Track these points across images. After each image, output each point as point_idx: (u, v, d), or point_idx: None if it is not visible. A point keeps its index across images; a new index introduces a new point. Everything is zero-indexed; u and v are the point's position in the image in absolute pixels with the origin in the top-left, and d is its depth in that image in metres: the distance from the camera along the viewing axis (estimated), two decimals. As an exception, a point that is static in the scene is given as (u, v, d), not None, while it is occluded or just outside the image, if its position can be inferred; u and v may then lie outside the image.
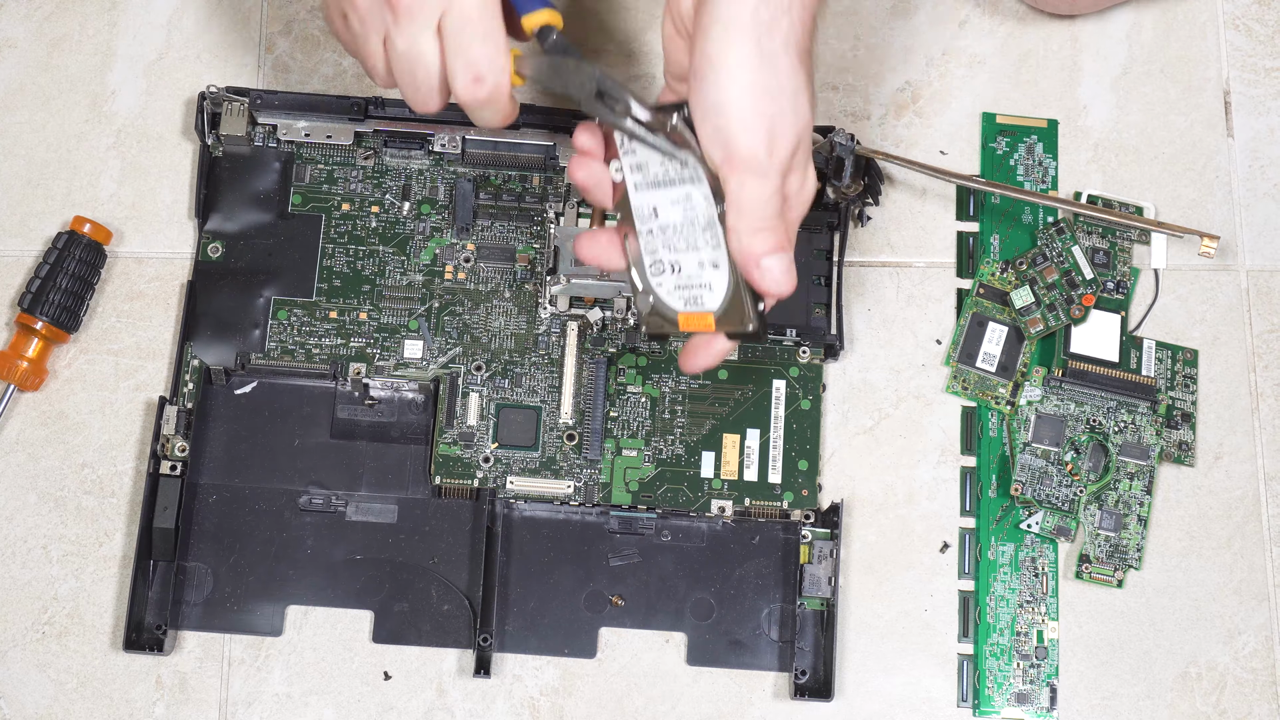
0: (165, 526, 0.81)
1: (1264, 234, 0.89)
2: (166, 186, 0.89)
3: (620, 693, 0.82)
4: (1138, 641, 0.82)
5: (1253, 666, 0.82)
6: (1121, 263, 0.87)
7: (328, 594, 0.83)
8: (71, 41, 0.92)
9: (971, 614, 0.82)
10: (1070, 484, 0.83)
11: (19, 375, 0.84)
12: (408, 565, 0.83)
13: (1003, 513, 0.83)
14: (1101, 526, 0.83)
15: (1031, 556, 0.83)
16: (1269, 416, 0.86)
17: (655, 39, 0.92)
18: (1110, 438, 0.83)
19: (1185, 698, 0.82)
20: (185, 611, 0.82)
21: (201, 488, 0.83)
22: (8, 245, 0.89)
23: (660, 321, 0.69)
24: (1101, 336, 0.85)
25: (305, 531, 0.83)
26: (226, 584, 0.82)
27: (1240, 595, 0.83)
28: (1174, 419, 0.85)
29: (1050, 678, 0.81)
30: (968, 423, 0.85)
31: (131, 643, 0.80)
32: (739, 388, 0.85)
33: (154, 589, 0.82)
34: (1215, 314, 0.87)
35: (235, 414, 0.85)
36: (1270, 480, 0.85)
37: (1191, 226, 0.87)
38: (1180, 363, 0.86)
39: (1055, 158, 0.89)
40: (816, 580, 0.81)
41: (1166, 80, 0.91)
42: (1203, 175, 0.89)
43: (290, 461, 0.84)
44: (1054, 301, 0.85)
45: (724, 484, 0.83)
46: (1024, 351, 0.85)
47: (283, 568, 0.83)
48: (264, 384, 0.85)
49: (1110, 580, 0.82)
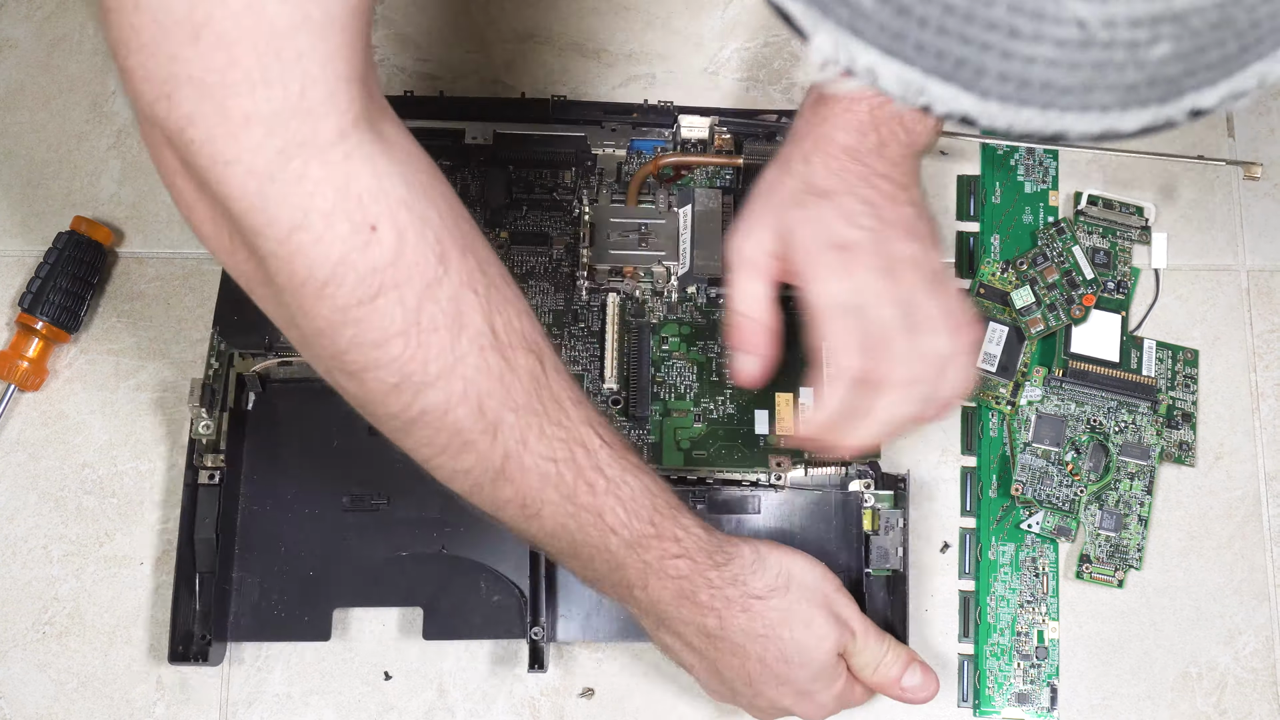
0: (206, 537, 0.80)
1: (1264, 234, 0.88)
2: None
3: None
4: (1138, 641, 0.82)
5: (1253, 666, 0.82)
6: (1122, 262, 0.87)
7: (375, 593, 0.81)
8: (71, 41, 0.92)
9: (972, 614, 0.82)
10: (1070, 484, 0.83)
11: (19, 375, 0.84)
12: (455, 559, 0.81)
13: (1003, 513, 0.83)
14: (1102, 526, 0.83)
15: (1032, 556, 0.83)
16: (1269, 416, 0.86)
17: (655, 38, 0.92)
18: (1110, 438, 0.83)
19: (1185, 697, 0.82)
20: (234, 622, 0.80)
21: (241, 495, 0.82)
22: (8, 245, 0.89)
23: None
24: (1102, 336, 0.85)
25: (349, 532, 0.82)
26: (272, 591, 0.81)
27: (1240, 595, 0.83)
28: (1174, 419, 0.85)
29: (1051, 678, 0.81)
30: (968, 423, 0.85)
31: (177, 655, 0.79)
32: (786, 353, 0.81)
33: (198, 601, 0.80)
34: (1216, 314, 0.87)
35: (271, 418, 0.83)
36: (1270, 480, 0.85)
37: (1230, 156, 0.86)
38: (1181, 363, 0.86)
39: (1055, 157, 0.89)
40: (884, 552, 0.80)
41: (1167, 80, 0.91)
42: (1203, 175, 0.89)
43: (330, 462, 0.82)
44: (1054, 301, 0.85)
45: (779, 438, 0.81)
46: (1024, 351, 0.85)
47: (327, 570, 0.81)
48: (298, 386, 0.83)
49: (1111, 580, 0.82)
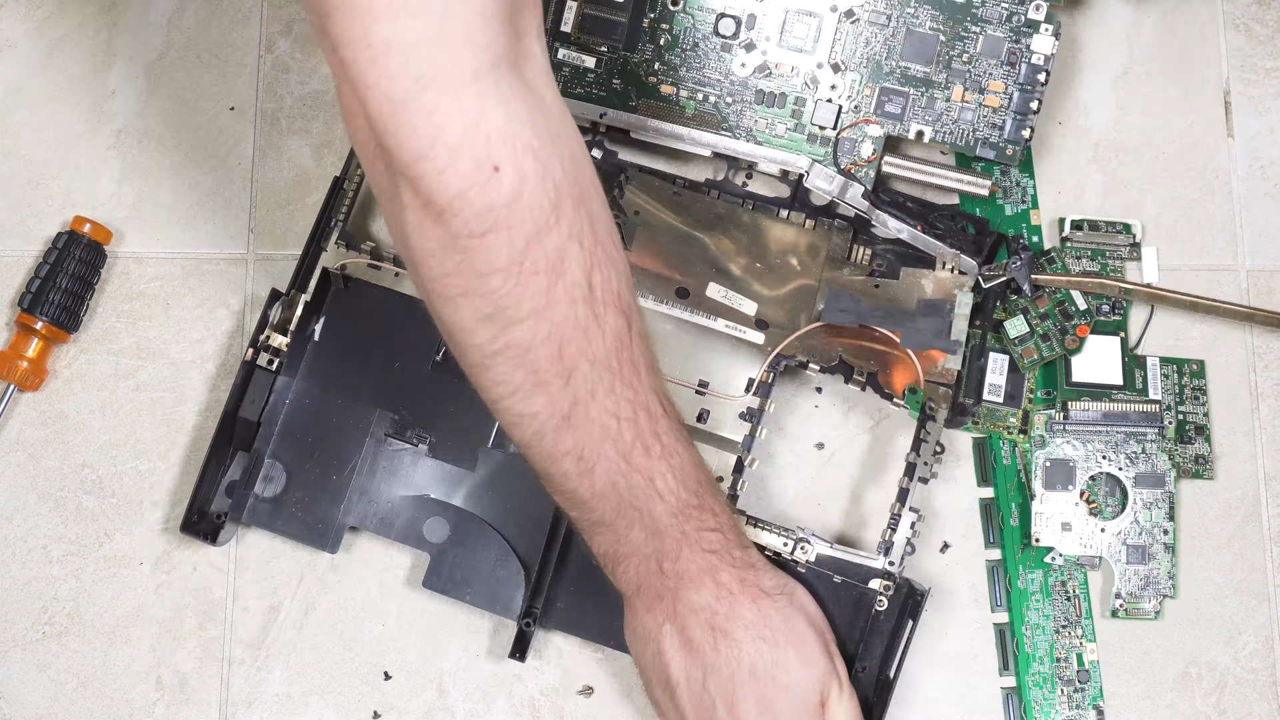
0: (249, 418, 0.80)
1: (1264, 234, 0.88)
2: (166, 186, 0.89)
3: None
4: (1138, 641, 0.82)
5: (1253, 666, 0.82)
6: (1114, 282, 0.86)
7: (390, 526, 0.81)
8: (71, 41, 0.92)
9: (1009, 645, 0.81)
10: (1088, 523, 0.82)
11: (19, 375, 0.84)
12: (474, 519, 0.80)
13: (1026, 540, 0.82)
14: (1129, 561, 0.82)
15: (1061, 581, 0.82)
16: (1269, 416, 0.86)
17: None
18: (1123, 470, 0.83)
19: (1185, 697, 0.82)
20: (253, 505, 0.80)
21: (294, 389, 0.81)
22: (8, 245, 0.88)
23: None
24: (1103, 361, 0.84)
25: (383, 457, 0.81)
26: (297, 488, 0.81)
27: (1240, 595, 0.83)
28: (1187, 434, 0.84)
29: (1095, 700, 0.80)
30: (980, 454, 0.84)
31: (190, 524, 0.79)
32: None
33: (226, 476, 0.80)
34: (1216, 314, 0.87)
35: (345, 319, 0.82)
36: (1270, 480, 0.85)
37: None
38: (1187, 375, 0.85)
39: (1032, 176, 0.88)
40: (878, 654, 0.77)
41: (1166, 81, 0.91)
42: (1203, 175, 0.89)
43: (387, 381, 0.81)
44: (1048, 331, 0.84)
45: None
46: (1028, 379, 0.84)
47: (353, 487, 0.81)
48: (380, 291, 0.82)
49: (1148, 614, 0.81)
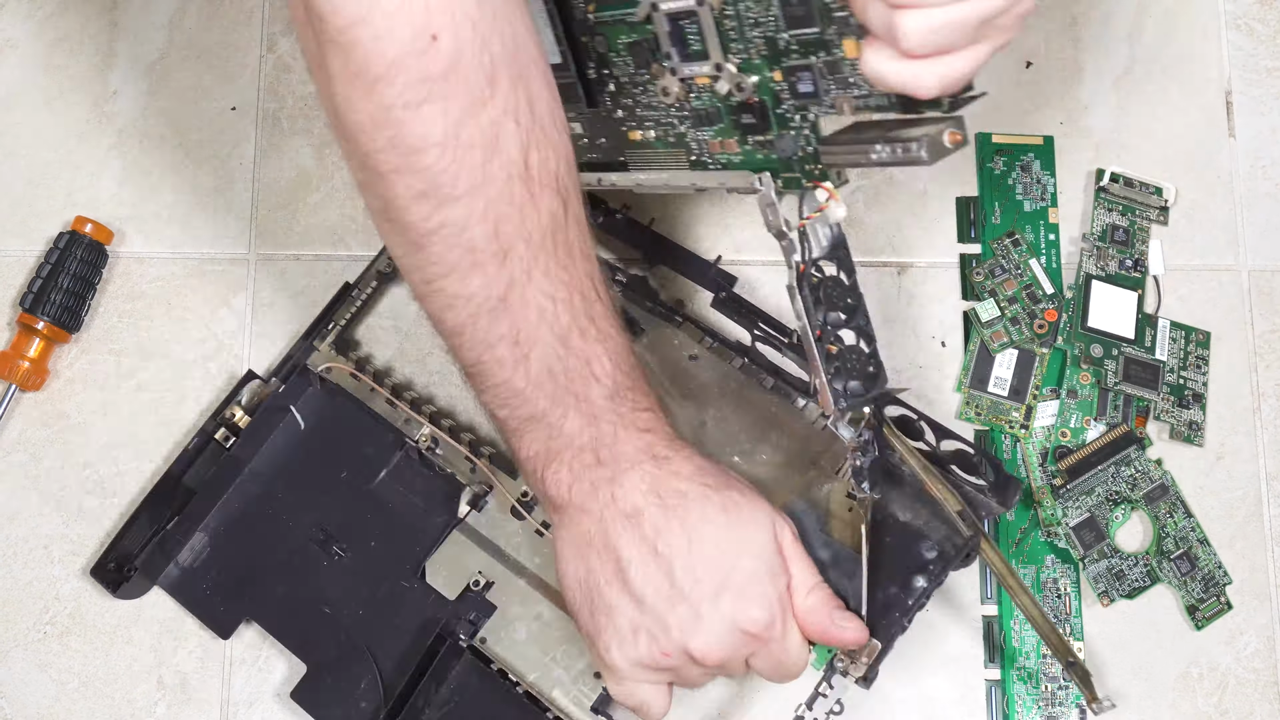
0: (191, 486, 0.82)
1: (1265, 234, 0.88)
2: (167, 186, 0.89)
3: None
4: (1139, 641, 0.82)
5: (1254, 666, 0.82)
6: (1140, 240, 0.86)
7: (283, 629, 0.80)
8: (72, 41, 0.92)
9: (996, 639, 0.81)
10: (1136, 563, 0.82)
11: (20, 375, 0.84)
12: (350, 634, 0.79)
13: (1021, 534, 0.83)
14: (1182, 573, 0.82)
15: (1054, 578, 0.82)
16: (1270, 416, 0.86)
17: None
18: (1132, 497, 0.83)
19: (1186, 697, 0.82)
20: (167, 569, 0.81)
21: (245, 471, 0.82)
22: (9, 245, 0.88)
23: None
24: (1119, 312, 0.85)
25: (304, 561, 0.81)
26: (212, 568, 0.81)
27: (1241, 595, 0.83)
28: (1185, 399, 0.85)
29: (1078, 699, 0.80)
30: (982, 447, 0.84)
31: (98, 569, 0.80)
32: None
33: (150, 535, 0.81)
34: (1217, 314, 0.87)
35: (312, 419, 0.83)
36: (1271, 480, 0.85)
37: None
38: (1194, 343, 0.86)
39: (1053, 174, 0.88)
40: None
41: (1168, 80, 0.91)
42: (1204, 175, 0.89)
43: (331, 490, 0.82)
44: (1016, 315, 0.84)
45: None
46: (1035, 374, 0.84)
47: (264, 580, 0.81)
48: (353, 403, 0.82)
49: (1223, 608, 0.82)
